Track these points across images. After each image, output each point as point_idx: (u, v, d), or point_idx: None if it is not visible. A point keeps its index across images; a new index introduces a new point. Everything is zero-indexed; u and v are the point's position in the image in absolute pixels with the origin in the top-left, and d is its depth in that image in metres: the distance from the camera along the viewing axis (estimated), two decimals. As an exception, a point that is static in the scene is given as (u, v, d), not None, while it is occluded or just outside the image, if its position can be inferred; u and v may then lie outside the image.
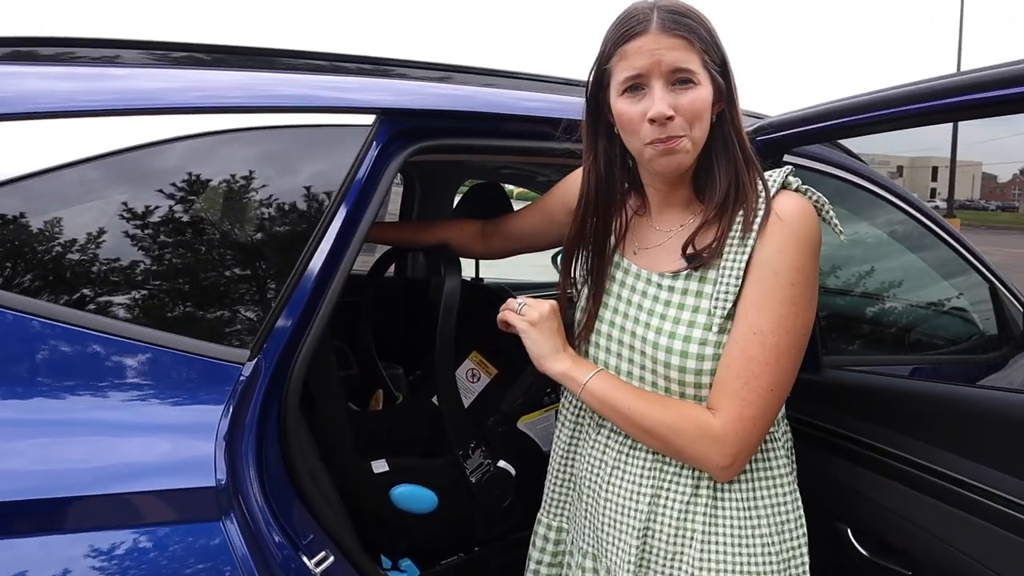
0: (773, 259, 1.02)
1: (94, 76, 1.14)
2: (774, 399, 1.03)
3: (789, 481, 1.14)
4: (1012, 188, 71.65)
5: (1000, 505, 1.17)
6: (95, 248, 1.04)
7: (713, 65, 1.05)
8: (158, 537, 0.93)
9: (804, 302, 1.02)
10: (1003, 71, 0.97)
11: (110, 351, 1.01)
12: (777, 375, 1.02)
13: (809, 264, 1.02)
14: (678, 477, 1.11)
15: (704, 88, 1.03)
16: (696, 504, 1.10)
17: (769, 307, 1.01)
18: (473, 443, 1.61)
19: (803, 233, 1.02)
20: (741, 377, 1.02)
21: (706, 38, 1.04)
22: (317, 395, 1.48)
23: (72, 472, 0.93)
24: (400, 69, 1.42)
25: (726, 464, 1.04)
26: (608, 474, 1.17)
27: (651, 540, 1.12)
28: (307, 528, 1.09)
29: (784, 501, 1.12)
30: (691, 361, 1.05)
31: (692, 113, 1.03)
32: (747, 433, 1.03)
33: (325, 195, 1.15)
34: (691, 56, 1.02)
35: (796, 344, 1.03)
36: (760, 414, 1.02)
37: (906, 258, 2.17)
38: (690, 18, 1.03)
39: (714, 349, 1.05)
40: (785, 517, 1.12)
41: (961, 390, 1.40)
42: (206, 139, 1.11)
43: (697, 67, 1.02)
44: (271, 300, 1.10)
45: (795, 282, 1.01)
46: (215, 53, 1.28)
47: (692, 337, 1.06)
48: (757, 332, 1.02)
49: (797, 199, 1.05)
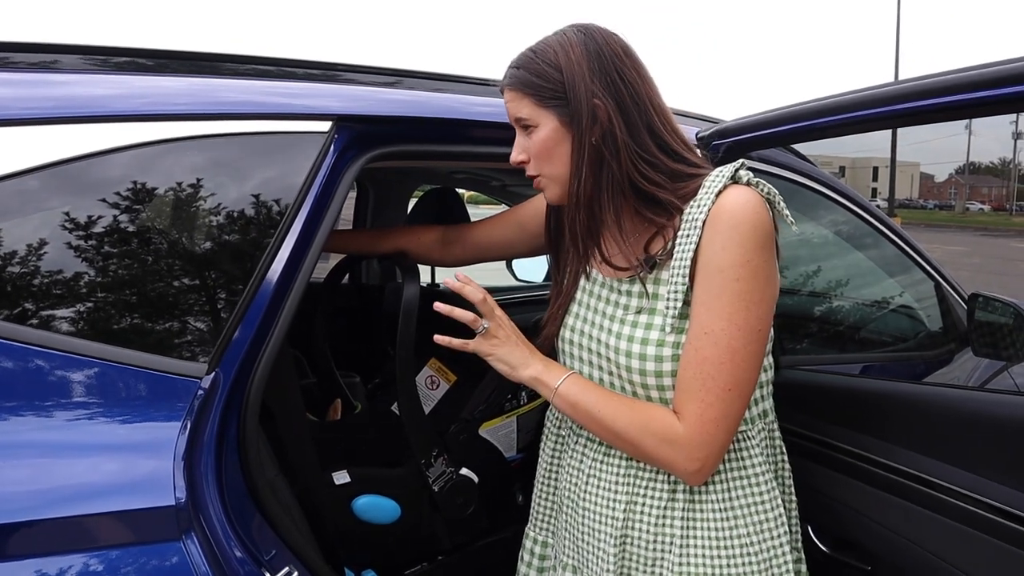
0: (716, 256, 0.99)
1: (31, 83, 1.10)
2: (735, 398, 1.01)
3: (767, 480, 1.12)
4: (948, 187, 74.14)
5: (954, 499, 1.20)
6: (37, 260, 1.00)
7: (550, 101, 1.07)
8: (117, 559, 0.90)
9: (755, 297, 0.99)
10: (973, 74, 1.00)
11: (61, 368, 0.98)
12: (734, 374, 1.00)
13: (757, 258, 0.99)
14: (653, 483, 1.11)
15: (543, 128, 1.08)
16: (673, 509, 1.10)
17: (717, 306, 0.99)
18: (435, 451, 1.60)
19: (747, 227, 0.98)
20: (698, 379, 1.01)
21: (532, 81, 1.07)
22: (276, 407, 1.45)
23: (22, 495, 0.90)
24: (348, 74, 1.40)
25: (694, 468, 1.03)
26: (585, 483, 1.17)
27: (629, 547, 1.11)
28: (269, 544, 1.07)
29: (762, 500, 1.11)
30: (650, 363, 1.05)
31: (536, 154, 1.10)
32: (711, 435, 1.01)
33: (282, 203, 1.13)
34: (522, 104, 1.09)
35: (752, 340, 1.00)
36: (722, 415, 1.01)
37: (853, 256, 2.22)
38: (521, 67, 1.08)
39: (672, 350, 1.05)
40: (764, 516, 1.11)
41: (912, 387, 1.44)
42: (154, 147, 1.08)
43: (529, 112, 1.08)
44: (229, 311, 1.07)
45: (740, 277, 0.98)
46: (157, 58, 1.24)
47: (649, 339, 1.06)
48: (708, 332, 1.00)
49: (744, 192, 1.01)
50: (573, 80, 1.05)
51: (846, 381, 1.63)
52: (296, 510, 1.37)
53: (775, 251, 1.03)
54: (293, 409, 1.49)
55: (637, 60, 1.09)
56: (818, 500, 1.46)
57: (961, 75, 1.00)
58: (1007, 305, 1.83)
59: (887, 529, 1.32)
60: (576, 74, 1.05)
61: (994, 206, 62.67)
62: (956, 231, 30.05)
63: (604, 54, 1.06)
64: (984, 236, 27.54)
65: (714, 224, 1.00)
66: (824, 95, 1.27)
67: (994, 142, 73.71)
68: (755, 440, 1.13)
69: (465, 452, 1.68)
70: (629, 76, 1.06)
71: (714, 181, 1.03)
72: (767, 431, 1.17)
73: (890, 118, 1.14)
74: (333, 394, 1.93)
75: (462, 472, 1.64)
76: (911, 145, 65.04)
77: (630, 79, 1.06)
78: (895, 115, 1.12)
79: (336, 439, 1.74)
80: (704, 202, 1.02)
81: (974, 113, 1.04)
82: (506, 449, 1.77)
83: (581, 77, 1.05)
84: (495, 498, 1.79)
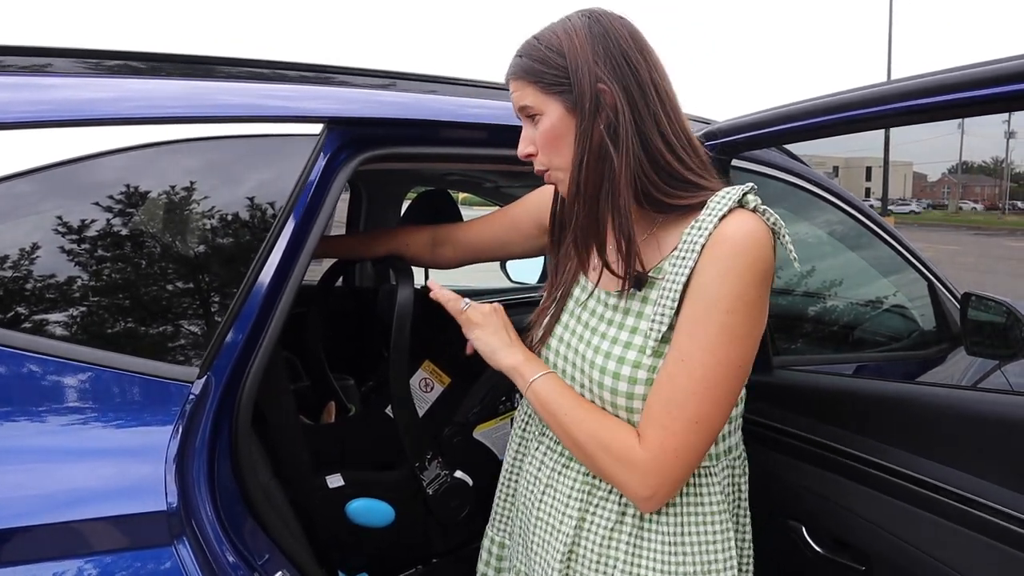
0: (712, 284, 0.93)
1: (24, 86, 1.09)
2: (701, 432, 0.95)
3: (722, 520, 1.07)
4: (941, 187, 74.37)
5: (948, 499, 1.20)
6: (30, 265, 1.00)
7: (554, 87, 1.01)
8: (109, 564, 0.90)
9: (742, 331, 0.94)
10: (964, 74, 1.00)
11: (53, 372, 0.98)
12: (703, 407, 0.94)
13: (753, 292, 0.93)
14: (605, 501, 1.07)
15: (548, 116, 1.03)
16: (620, 532, 1.05)
17: (702, 335, 0.94)
18: (429, 454, 1.59)
19: (749, 260, 0.93)
20: (666, 406, 0.96)
21: (534, 67, 1.02)
22: (269, 410, 1.44)
23: (14, 500, 0.89)
24: (343, 76, 1.40)
25: (646, 495, 0.98)
26: (541, 492, 1.14)
27: (574, 564, 1.08)
28: (262, 548, 1.06)
29: (713, 540, 1.06)
30: (623, 384, 1.00)
31: (542, 145, 1.06)
32: (669, 465, 0.96)
33: (273, 206, 1.12)
34: (526, 92, 1.04)
35: (731, 376, 0.95)
36: (683, 446, 0.95)
37: (846, 256, 2.23)
38: (524, 55, 1.04)
39: (647, 373, 0.99)
40: (713, 557, 1.05)
41: (904, 387, 1.44)
42: (147, 150, 1.07)
43: (533, 100, 1.04)
44: (220, 315, 1.07)
45: (733, 310, 0.93)
46: (151, 61, 1.24)
47: (626, 359, 1.01)
48: (686, 360, 0.94)
49: (751, 220, 0.95)
50: (577, 64, 0.99)
51: (839, 381, 1.63)
52: (290, 514, 1.36)
53: (770, 286, 0.97)
54: (286, 413, 1.49)
55: (645, 45, 1.02)
56: (812, 500, 1.46)
57: (953, 74, 1.00)
58: (999, 304, 1.84)
59: (882, 529, 1.32)
60: (580, 58, 0.99)
61: (986, 205, 62.91)
62: (950, 230, 30.17)
63: (610, 38, 1.00)
64: (977, 235, 27.65)
65: (714, 250, 0.94)
66: (816, 95, 1.27)
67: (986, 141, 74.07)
68: (717, 478, 1.07)
69: (459, 455, 1.68)
70: (635, 60, 1.00)
71: (719, 203, 0.97)
72: (731, 468, 1.11)
73: (882, 118, 1.14)
74: (327, 397, 1.93)
75: (456, 475, 1.63)
76: (904, 144, 65.26)
77: (636, 63, 1.00)
78: (887, 115, 1.12)
79: (330, 442, 1.74)
80: (706, 225, 0.96)
81: (967, 112, 1.04)
82: (500, 452, 1.77)
83: (585, 61, 0.99)
84: (489, 501, 1.78)
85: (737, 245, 0.93)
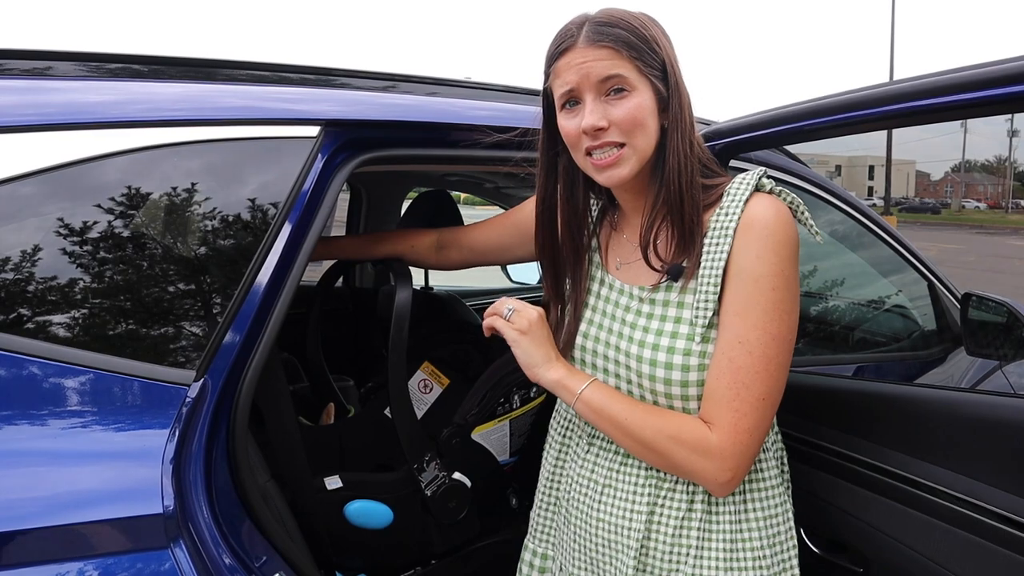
0: (752, 266, 0.99)
1: (26, 89, 1.09)
2: (767, 408, 1.00)
3: (780, 492, 1.12)
4: (944, 185, 74.27)
5: (946, 501, 1.20)
6: (31, 267, 1.00)
7: (651, 71, 1.02)
8: (105, 567, 0.90)
9: (787, 307, 0.99)
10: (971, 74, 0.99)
11: (48, 375, 0.97)
12: (767, 383, 0.99)
13: (789, 268, 0.99)
14: (673, 492, 1.09)
15: (641, 94, 1.02)
16: (691, 519, 1.08)
17: (753, 315, 0.99)
18: (427, 455, 1.59)
19: (780, 237, 0.99)
20: (732, 388, 0.99)
21: (639, 45, 1.01)
22: (267, 412, 1.44)
23: (10, 504, 0.89)
24: (343, 79, 1.40)
25: (726, 479, 1.01)
26: (599, 493, 1.14)
27: (646, 558, 1.09)
28: (259, 550, 1.06)
29: (776, 513, 1.10)
30: (676, 372, 1.03)
31: (629, 122, 1.02)
32: (744, 445, 1.00)
33: (271, 208, 1.12)
34: (620, 63, 1.01)
35: (784, 350, 1.00)
36: (755, 425, 0.99)
37: (847, 257, 2.22)
38: (619, 27, 1.01)
39: (699, 359, 1.02)
40: (776, 530, 1.10)
41: (906, 389, 1.43)
42: (147, 153, 1.08)
43: (629, 73, 1.01)
44: (217, 317, 1.07)
45: (776, 287, 0.98)
46: (152, 64, 1.24)
47: (676, 348, 1.03)
48: (743, 341, 0.99)
49: (772, 201, 1.01)
50: (669, 56, 1.04)
51: (837, 383, 1.63)
52: (288, 516, 1.36)
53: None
54: (284, 414, 1.49)
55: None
56: (810, 502, 1.45)
57: (956, 75, 0.99)
58: (1000, 304, 1.83)
59: (879, 531, 1.31)
60: (671, 55, 1.05)
61: (990, 204, 62.84)
62: (952, 229, 30.12)
63: (671, 41, 1.06)
64: (979, 234, 27.61)
65: (747, 233, 0.99)
66: (818, 96, 1.27)
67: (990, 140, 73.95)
68: (770, 452, 1.12)
69: (458, 456, 1.68)
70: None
71: (739, 189, 1.02)
72: (776, 440, 1.17)
73: (884, 119, 1.13)
74: (326, 398, 1.93)
75: (455, 476, 1.63)
76: (906, 143, 65.20)
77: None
78: (889, 116, 1.11)
79: (329, 443, 1.74)
80: (733, 210, 1.01)
81: (969, 114, 1.03)
82: (499, 453, 1.77)
83: (670, 55, 1.04)
84: (488, 502, 1.78)
85: (769, 226, 0.99)
